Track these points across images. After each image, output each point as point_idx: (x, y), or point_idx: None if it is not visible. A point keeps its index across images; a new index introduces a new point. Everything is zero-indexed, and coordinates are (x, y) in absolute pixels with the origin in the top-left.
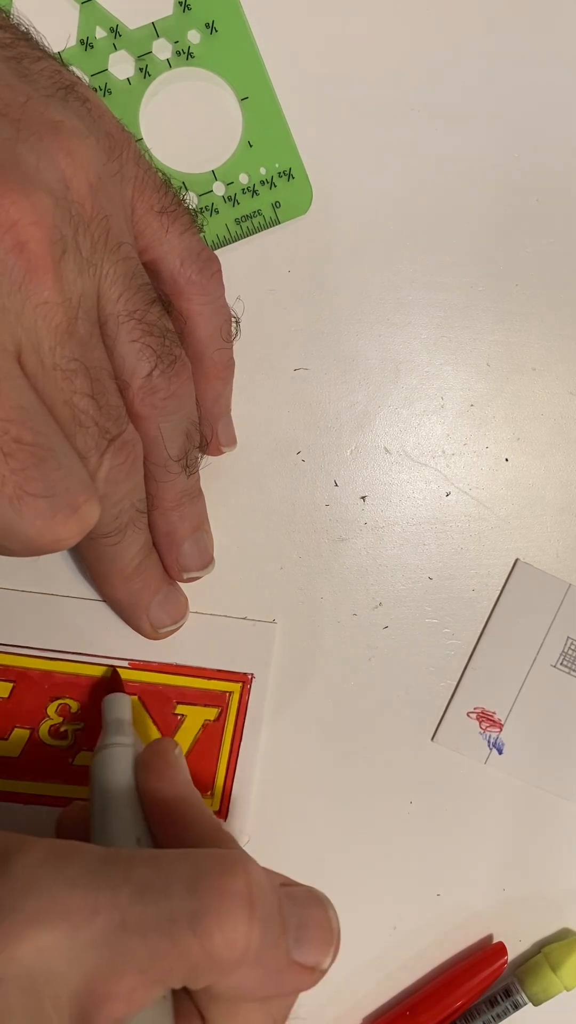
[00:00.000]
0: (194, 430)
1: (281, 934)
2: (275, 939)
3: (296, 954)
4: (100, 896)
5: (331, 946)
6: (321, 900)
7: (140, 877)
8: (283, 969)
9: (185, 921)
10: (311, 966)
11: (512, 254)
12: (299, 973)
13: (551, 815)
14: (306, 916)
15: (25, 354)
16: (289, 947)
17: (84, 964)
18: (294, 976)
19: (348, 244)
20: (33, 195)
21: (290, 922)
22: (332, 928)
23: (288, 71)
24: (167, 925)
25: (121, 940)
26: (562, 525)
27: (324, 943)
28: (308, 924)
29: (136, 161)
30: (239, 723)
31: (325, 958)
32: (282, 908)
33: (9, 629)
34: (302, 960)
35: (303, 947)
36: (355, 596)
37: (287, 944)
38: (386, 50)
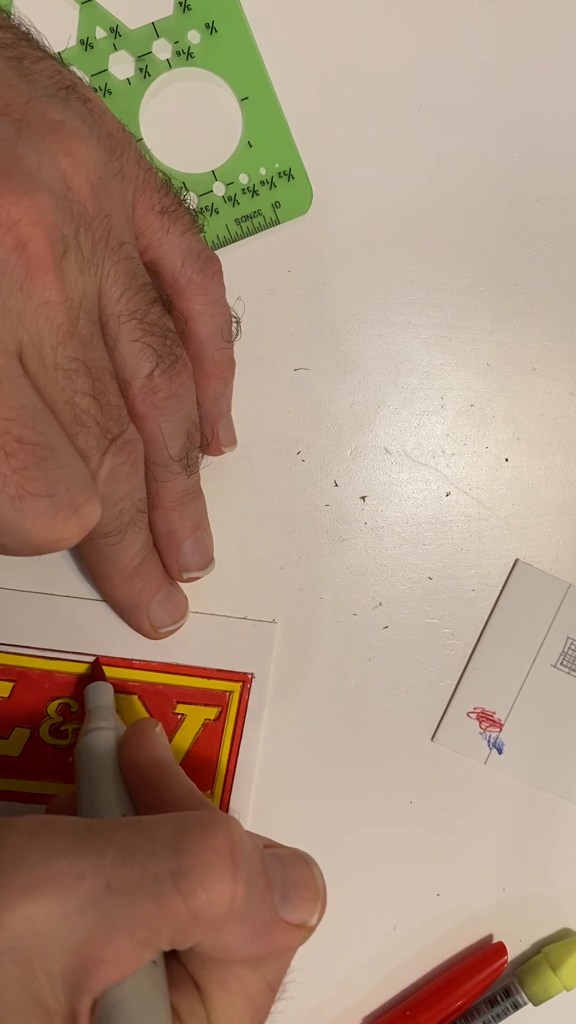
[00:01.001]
0: (195, 430)
1: (267, 892)
2: (261, 897)
3: (283, 912)
4: (85, 862)
5: (317, 903)
6: (305, 859)
7: (124, 841)
8: (271, 926)
9: (169, 880)
10: (298, 923)
11: (512, 254)
12: (287, 931)
13: (551, 815)
14: (291, 875)
15: (27, 354)
16: (276, 905)
17: (74, 930)
18: (282, 934)
19: (348, 244)
20: (34, 195)
21: (275, 881)
22: (317, 886)
23: (288, 71)
24: (152, 885)
25: (108, 903)
26: (562, 525)
27: (310, 900)
28: (293, 882)
29: (137, 161)
30: (239, 722)
31: (312, 915)
32: (267, 867)
33: (9, 629)
34: (289, 918)
35: (289, 905)
36: (355, 596)
37: (273, 902)
38: (386, 50)
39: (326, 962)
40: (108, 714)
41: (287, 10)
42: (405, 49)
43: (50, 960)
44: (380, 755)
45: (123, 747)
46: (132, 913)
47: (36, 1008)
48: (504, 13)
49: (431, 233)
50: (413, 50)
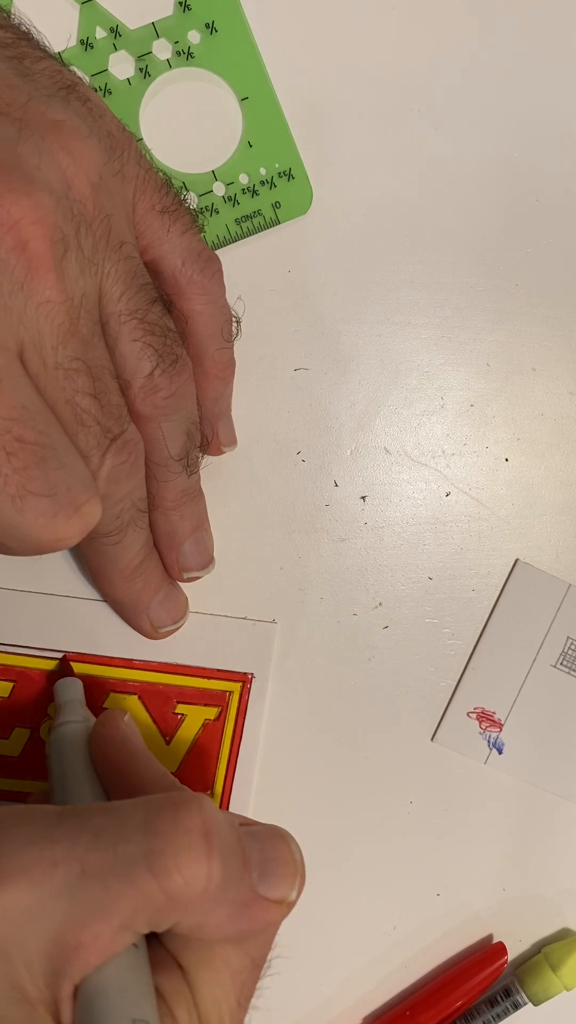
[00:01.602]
0: (195, 429)
1: (244, 869)
2: (238, 874)
3: (262, 888)
4: (57, 848)
5: (295, 878)
6: (282, 835)
7: (96, 826)
8: (250, 904)
9: (143, 862)
10: (278, 899)
11: (512, 254)
12: (267, 907)
13: (551, 815)
14: (268, 851)
15: (27, 353)
16: (254, 882)
17: (49, 917)
18: (262, 910)
19: (348, 244)
20: (35, 194)
21: (252, 857)
22: (295, 861)
23: (288, 71)
24: (125, 869)
25: (82, 888)
26: (562, 525)
27: (288, 876)
28: (271, 858)
29: (137, 161)
30: (239, 722)
31: (291, 890)
32: (243, 844)
33: (9, 629)
34: (268, 894)
35: (268, 881)
36: (355, 596)
37: (251, 879)
38: (386, 50)
39: (326, 962)
40: (77, 708)
41: (287, 10)
42: (405, 49)
43: (28, 948)
44: (380, 755)
45: (92, 737)
46: (107, 897)
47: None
48: (505, 13)
49: (431, 233)
50: (413, 50)
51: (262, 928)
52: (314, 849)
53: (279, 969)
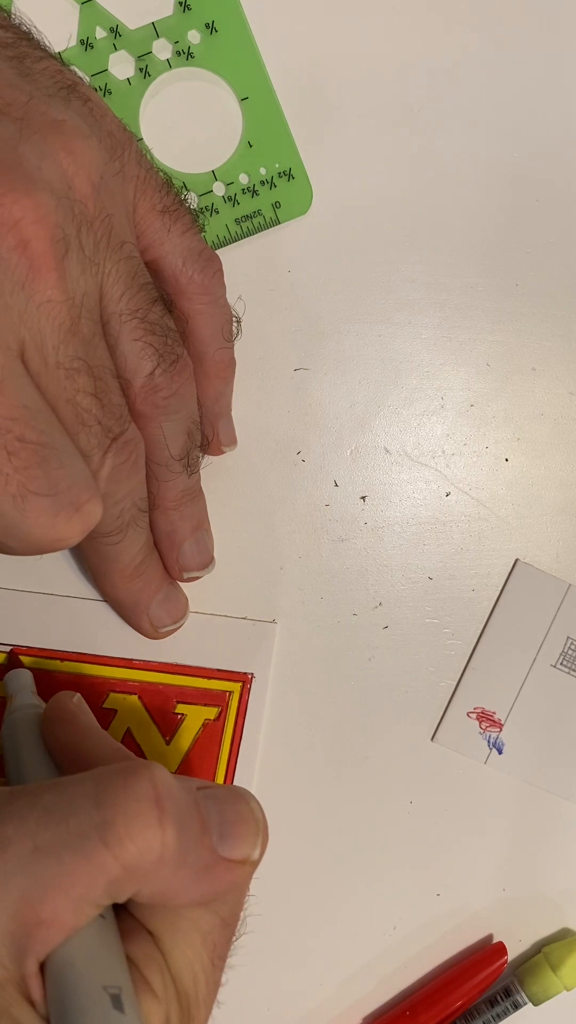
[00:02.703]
0: (196, 429)
1: (202, 832)
2: (196, 838)
3: (223, 850)
4: (7, 827)
5: (257, 836)
6: (242, 794)
7: (46, 802)
8: (212, 866)
9: (95, 834)
10: (240, 859)
11: (512, 254)
12: (230, 868)
13: (551, 815)
14: (227, 811)
15: (28, 353)
16: (214, 844)
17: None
18: (225, 871)
19: (348, 244)
20: (36, 194)
21: (211, 820)
22: (256, 819)
23: (288, 71)
24: (78, 842)
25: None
26: (562, 525)
27: (250, 835)
28: (230, 819)
29: (138, 161)
30: (239, 723)
31: (253, 849)
32: (200, 807)
33: (9, 629)
34: (229, 855)
35: (228, 841)
36: (355, 596)
37: (211, 842)
38: (386, 50)
39: (326, 962)
40: (28, 695)
41: (287, 10)
42: (405, 49)
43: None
44: (380, 755)
45: (44, 719)
46: (62, 871)
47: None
48: (505, 13)
49: (431, 233)
50: (413, 50)
51: (227, 889)
52: (314, 849)
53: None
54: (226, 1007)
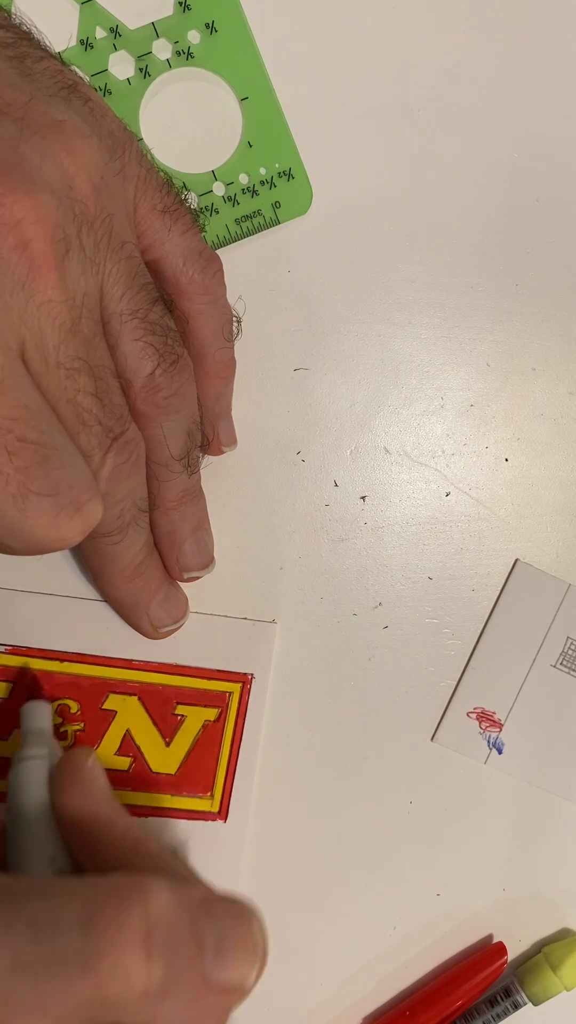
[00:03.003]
0: (196, 429)
1: (196, 956)
2: (187, 965)
3: (215, 973)
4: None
5: (253, 962)
6: (243, 914)
7: (32, 914)
8: (200, 993)
9: (77, 962)
10: (232, 986)
11: (512, 254)
12: (220, 994)
13: (551, 815)
14: (226, 932)
15: (29, 353)
16: (206, 968)
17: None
18: (215, 998)
19: (348, 244)
20: (36, 194)
21: (207, 941)
22: (254, 943)
23: (288, 71)
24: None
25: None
26: (562, 525)
27: (245, 960)
28: (228, 940)
29: (138, 161)
30: (239, 723)
31: (248, 975)
32: (198, 927)
33: (9, 629)
34: (221, 979)
35: (222, 965)
36: (355, 596)
37: (203, 967)
38: (386, 50)
39: (326, 962)
40: (45, 739)
41: (287, 10)
42: (405, 49)
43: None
44: (380, 755)
45: (54, 788)
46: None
47: None
48: (505, 13)
49: (431, 233)
50: (413, 50)
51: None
52: (314, 849)
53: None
54: None
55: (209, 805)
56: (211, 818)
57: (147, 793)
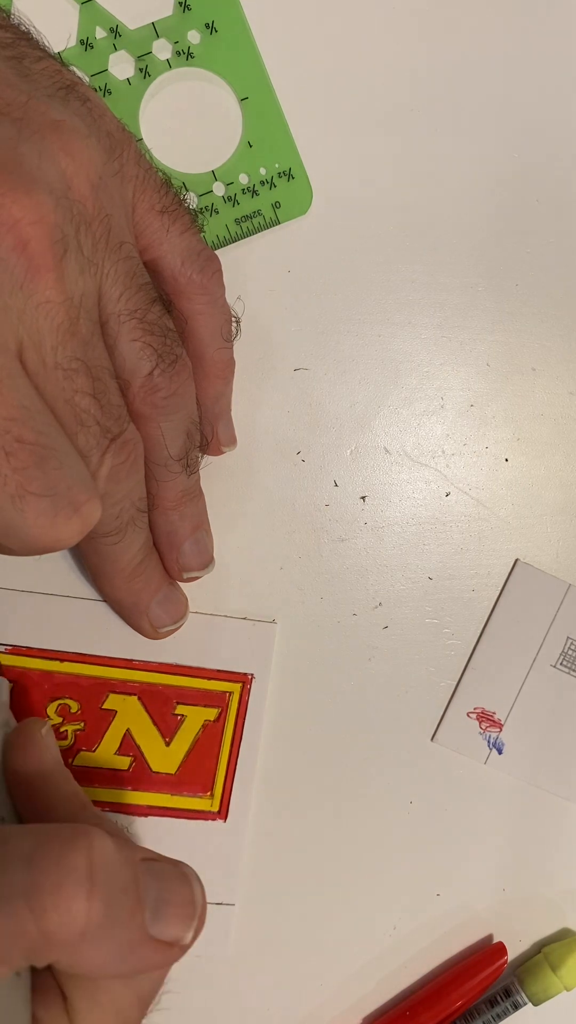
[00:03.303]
0: (195, 429)
1: (135, 909)
2: (127, 914)
3: (153, 929)
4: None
5: (192, 920)
6: (184, 874)
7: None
8: (138, 945)
9: (20, 897)
10: (170, 941)
11: (512, 254)
12: (157, 948)
13: (551, 815)
14: (166, 890)
15: (27, 353)
16: (146, 922)
17: None
18: (152, 952)
19: (348, 244)
20: (35, 194)
21: (148, 896)
22: (194, 903)
23: (288, 71)
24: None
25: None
26: (562, 525)
27: (184, 918)
28: (168, 899)
29: (137, 161)
30: (239, 723)
31: (185, 933)
32: (138, 882)
33: (9, 629)
34: (160, 935)
35: (161, 922)
36: (355, 596)
37: (143, 919)
38: (386, 50)
39: (326, 962)
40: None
41: (287, 10)
42: (405, 49)
43: None
44: (380, 755)
45: (7, 752)
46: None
47: None
48: (504, 13)
49: (431, 233)
50: (413, 50)
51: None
52: (314, 849)
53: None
54: (226, 1007)
55: (209, 805)
56: (211, 818)
57: (147, 793)
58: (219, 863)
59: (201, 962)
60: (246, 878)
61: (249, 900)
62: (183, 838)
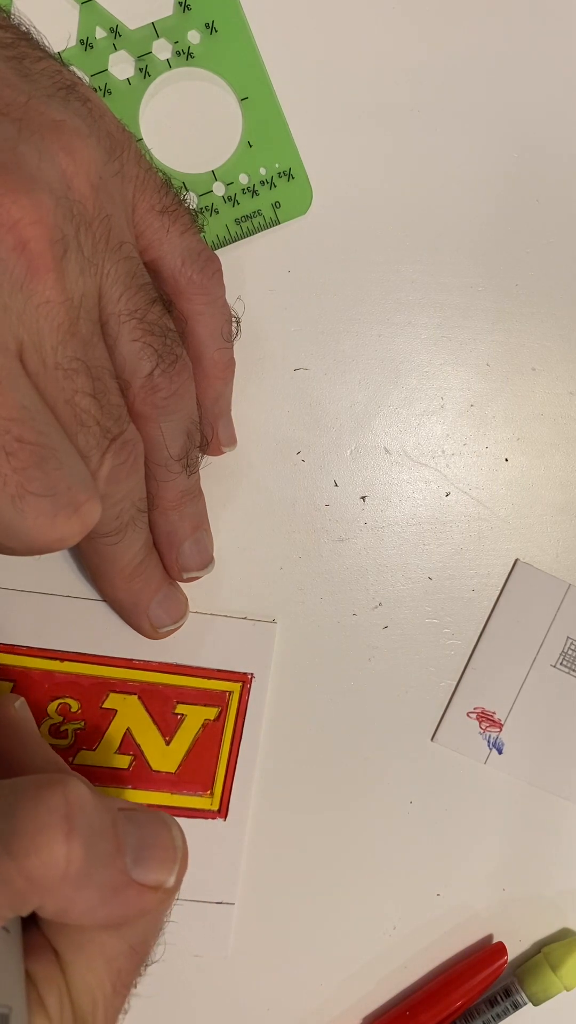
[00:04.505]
0: (195, 429)
1: (116, 854)
2: (107, 858)
3: (136, 873)
4: None
5: (173, 863)
6: (163, 819)
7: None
8: (121, 889)
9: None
10: (153, 885)
11: (512, 254)
12: (141, 892)
13: (551, 815)
14: (146, 835)
15: (27, 353)
16: (127, 867)
17: None
18: (135, 896)
19: (348, 244)
20: (35, 194)
21: (128, 842)
22: (174, 846)
23: (288, 71)
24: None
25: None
26: (562, 525)
27: (166, 861)
28: (148, 843)
29: (137, 161)
30: (239, 723)
31: (168, 876)
32: (117, 827)
33: (9, 629)
34: (142, 879)
35: (143, 866)
36: (355, 596)
37: (124, 864)
38: (386, 50)
39: (326, 962)
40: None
41: (287, 10)
42: (405, 49)
43: None
44: (380, 755)
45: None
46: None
47: None
48: (504, 13)
49: (431, 233)
50: (413, 50)
51: (136, 914)
52: (314, 849)
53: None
54: (226, 1007)
55: (209, 803)
56: (211, 816)
57: (147, 791)
58: (219, 862)
59: (201, 962)
60: (246, 877)
61: (249, 900)
62: None
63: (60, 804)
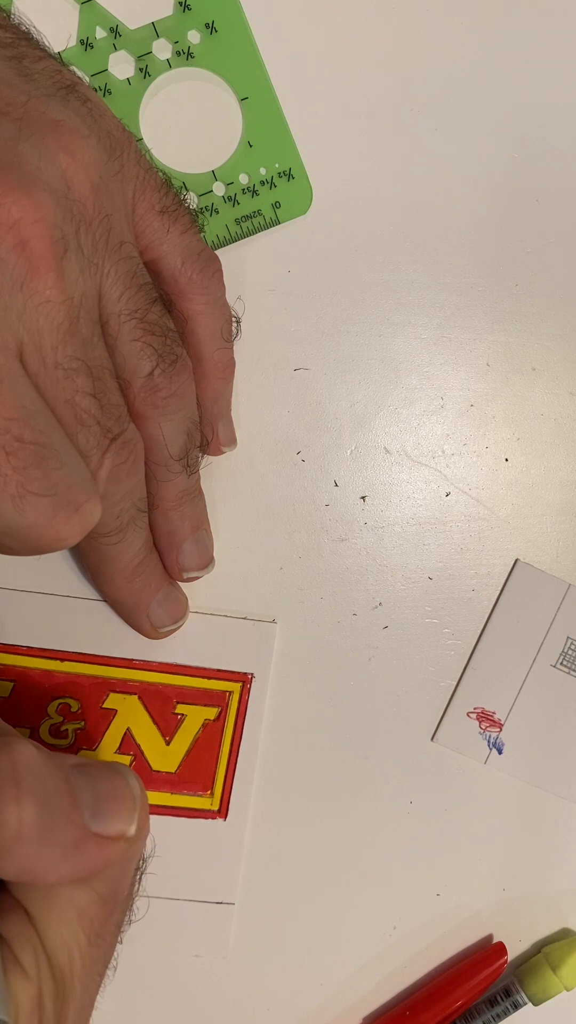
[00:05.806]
0: (195, 429)
1: (72, 809)
2: (63, 815)
3: (95, 826)
4: None
5: (132, 812)
6: (118, 769)
7: None
8: (81, 843)
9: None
10: (114, 835)
11: (512, 254)
12: (102, 844)
13: (551, 815)
14: (102, 787)
15: (27, 353)
16: (85, 820)
17: None
18: (97, 848)
19: (348, 244)
20: (35, 194)
21: (83, 796)
22: (132, 795)
23: (288, 71)
24: None
25: None
26: (562, 525)
27: (124, 811)
28: (105, 795)
29: (137, 161)
30: (239, 723)
31: (128, 825)
32: (70, 783)
33: (9, 629)
34: (103, 831)
35: (101, 818)
36: (355, 596)
37: (81, 818)
38: (386, 50)
39: (326, 962)
40: None
41: (287, 10)
42: (405, 49)
43: None
44: (380, 755)
45: None
46: None
47: None
48: (504, 13)
49: (431, 233)
50: (413, 50)
51: (101, 866)
52: (314, 849)
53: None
54: (226, 1007)
55: (209, 803)
56: (211, 816)
57: (147, 791)
58: (219, 862)
59: (201, 962)
60: (246, 877)
61: (249, 900)
62: (183, 837)
63: (6, 767)
